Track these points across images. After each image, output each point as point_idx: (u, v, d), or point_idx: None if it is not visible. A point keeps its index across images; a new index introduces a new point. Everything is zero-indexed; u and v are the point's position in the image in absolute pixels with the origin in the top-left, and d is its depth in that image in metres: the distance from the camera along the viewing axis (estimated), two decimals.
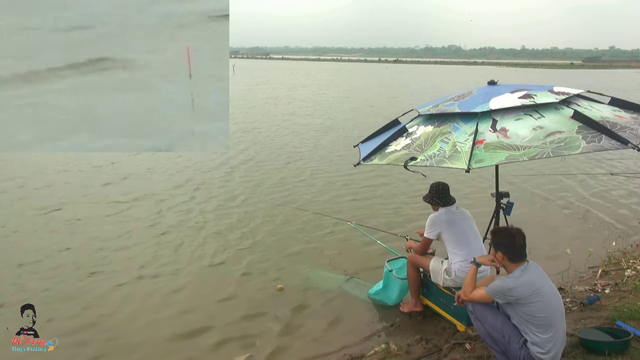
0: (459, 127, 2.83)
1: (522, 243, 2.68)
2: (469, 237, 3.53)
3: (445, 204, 3.64)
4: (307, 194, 7.59)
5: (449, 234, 3.54)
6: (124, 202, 6.90)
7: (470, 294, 2.85)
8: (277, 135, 12.85)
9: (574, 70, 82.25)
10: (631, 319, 3.39)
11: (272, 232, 5.93)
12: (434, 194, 3.69)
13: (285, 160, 9.94)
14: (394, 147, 3.12)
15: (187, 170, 8.88)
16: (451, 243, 3.54)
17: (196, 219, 6.32)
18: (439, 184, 3.73)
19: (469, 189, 7.75)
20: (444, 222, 3.55)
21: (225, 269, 4.93)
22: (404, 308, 4.02)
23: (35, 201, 6.83)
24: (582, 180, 8.66)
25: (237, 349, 3.60)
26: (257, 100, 22.04)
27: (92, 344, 3.65)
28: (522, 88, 2.98)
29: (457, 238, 3.52)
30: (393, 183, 8.18)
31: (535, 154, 2.43)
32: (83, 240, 5.50)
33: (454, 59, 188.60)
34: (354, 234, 5.58)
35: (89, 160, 9.23)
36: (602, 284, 4.39)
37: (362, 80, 42.71)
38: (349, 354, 3.52)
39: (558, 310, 2.64)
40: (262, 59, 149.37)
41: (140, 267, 4.90)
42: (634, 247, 5.53)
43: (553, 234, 6.05)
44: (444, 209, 3.62)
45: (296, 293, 4.43)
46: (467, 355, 3.23)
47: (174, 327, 3.89)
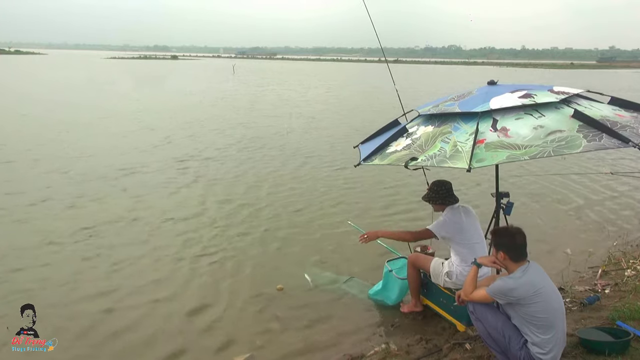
0: (460, 127, 2.83)
1: (522, 242, 2.68)
2: (473, 241, 3.52)
3: (449, 202, 3.62)
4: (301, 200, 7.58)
5: (459, 238, 3.51)
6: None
7: (471, 294, 2.84)
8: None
9: (577, 71, 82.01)
10: (631, 319, 3.39)
11: (272, 232, 5.93)
12: (437, 193, 3.64)
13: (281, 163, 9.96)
14: (394, 148, 3.11)
15: (187, 161, 8.90)
16: (456, 246, 3.53)
17: (196, 218, 6.33)
18: (441, 182, 3.68)
19: (468, 188, 7.75)
20: (457, 231, 3.50)
21: (225, 269, 4.92)
22: (404, 308, 4.01)
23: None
24: (582, 179, 8.66)
25: (237, 349, 3.59)
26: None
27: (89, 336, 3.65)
28: (522, 88, 2.98)
29: (463, 243, 3.51)
30: (394, 183, 8.18)
31: (536, 153, 2.43)
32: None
33: (454, 59, 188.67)
34: (354, 233, 5.57)
35: None
36: (602, 284, 4.39)
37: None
38: (349, 354, 3.52)
39: (559, 311, 2.63)
40: (263, 59, 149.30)
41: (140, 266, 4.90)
42: (634, 247, 5.53)
43: (553, 234, 6.05)
44: (449, 209, 3.60)
45: (296, 293, 4.43)
46: (467, 356, 3.23)
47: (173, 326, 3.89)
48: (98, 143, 11.14)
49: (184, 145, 11.23)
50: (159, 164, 9.28)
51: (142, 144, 11.12)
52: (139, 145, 10.96)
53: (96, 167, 8.81)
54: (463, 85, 30.55)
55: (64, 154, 9.79)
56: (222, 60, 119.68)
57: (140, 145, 10.97)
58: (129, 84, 31.99)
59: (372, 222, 6.11)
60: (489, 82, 3.24)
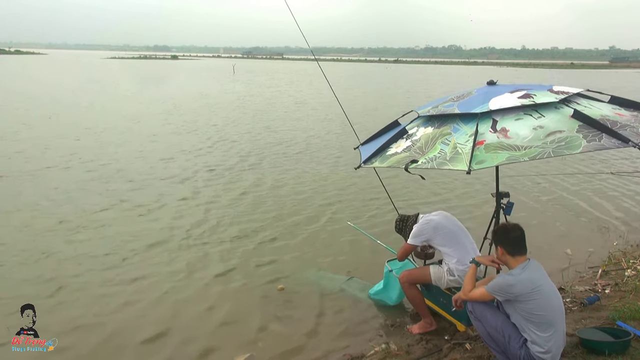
0: (459, 128, 2.83)
1: (519, 236, 2.68)
2: (458, 236, 3.50)
3: (415, 222, 3.64)
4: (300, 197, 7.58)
5: (439, 238, 3.48)
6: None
7: (470, 292, 2.84)
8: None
9: (590, 71, 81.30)
10: (631, 319, 3.39)
11: (271, 232, 5.93)
12: (404, 227, 3.71)
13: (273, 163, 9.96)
14: (394, 149, 3.11)
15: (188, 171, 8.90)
16: (443, 246, 3.50)
17: (196, 218, 6.33)
18: (396, 221, 3.79)
19: (468, 188, 7.75)
20: (431, 229, 3.49)
21: (225, 269, 4.92)
22: (415, 329, 3.70)
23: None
24: (582, 179, 8.66)
25: (237, 349, 3.59)
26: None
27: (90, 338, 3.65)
28: (521, 88, 2.97)
29: (447, 240, 3.48)
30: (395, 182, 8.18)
31: (536, 154, 2.43)
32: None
33: (454, 59, 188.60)
34: (354, 233, 5.58)
35: None
36: (602, 284, 4.38)
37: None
38: (349, 354, 3.52)
39: (558, 310, 2.63)
40: (264, 59, 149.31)
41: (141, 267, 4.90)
42: (634, 247, 5.53)
43: (553, 234, 6.05)
44: (421, 219, 3.61)
45: (297, 293, 4.43)
46: (467, 355, 3.23)
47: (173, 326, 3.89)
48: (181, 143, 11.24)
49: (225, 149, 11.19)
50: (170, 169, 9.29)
51: (186, 147, 11.11)
52: (166, 155, 10.91)
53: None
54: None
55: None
56: (223, 60, 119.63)
57: (184, 148, 10.96)
58: (148, 85, 31.86)
59: (375, 222, 6.12)
60: (488, 82, 3.24)
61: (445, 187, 8.00)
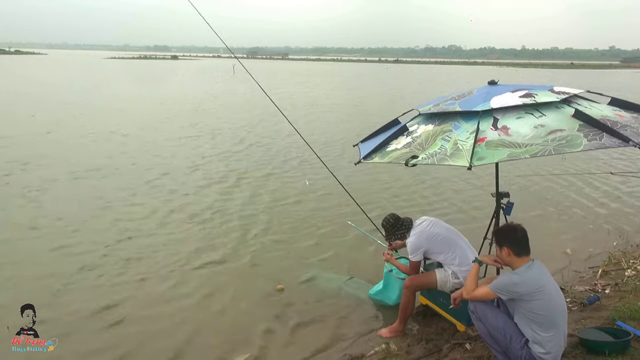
0: (460, 125, 2.83)
1: (524, 236, 2.68)
2: (453, 238, 3.52)
3: (407, 230, 3.64)
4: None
5: (436, 246, 3.50)
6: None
7: (473, 292, 2.83)
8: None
9: (601, 71, 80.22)
10: (631, 319, 3.38)
11: (271, 232, 5.93)
12: (393, 230, 3.69)
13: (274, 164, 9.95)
14: (394, 146, 3.11)
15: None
16: (441, 253, 3.51)
17: (196, 218, 6.33)
18: (389, 219, 3.73)
19: (468, 188, 7.74)
20: (424, 240, 3.50)
21: (225, 269, 4.92)
22: (385, 332, 3.71)
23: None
24: (582, 179, 8.65)
25: (237, 349, 3.59)
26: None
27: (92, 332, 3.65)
28: (522, 87, 2.98)
29: (444, 245, 3.49)
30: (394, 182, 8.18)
31: (537, 152, 2.43)
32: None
33: (454, 59, 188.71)
34: (354, 233, 5.58)
35: None
36: (602, 284, 4.38)
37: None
38: (349, 354, 3.51)
39: (560, 310, 2.63)
40: (264, 59, 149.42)
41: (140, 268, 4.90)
42: (634, 247, 5.53)
43: (553, 234, 6.04)
44: (412, 231, 3.60)
45: (296, 293, 4.43)
46: (467, 356, 3.22)
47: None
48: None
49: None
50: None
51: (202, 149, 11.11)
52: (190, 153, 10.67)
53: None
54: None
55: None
56: (223, 60, 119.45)
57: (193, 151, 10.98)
58: (158, 85, 31.77)
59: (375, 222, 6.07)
60: (489, 82, 3.24)
61: (445, 187, 8.00)
